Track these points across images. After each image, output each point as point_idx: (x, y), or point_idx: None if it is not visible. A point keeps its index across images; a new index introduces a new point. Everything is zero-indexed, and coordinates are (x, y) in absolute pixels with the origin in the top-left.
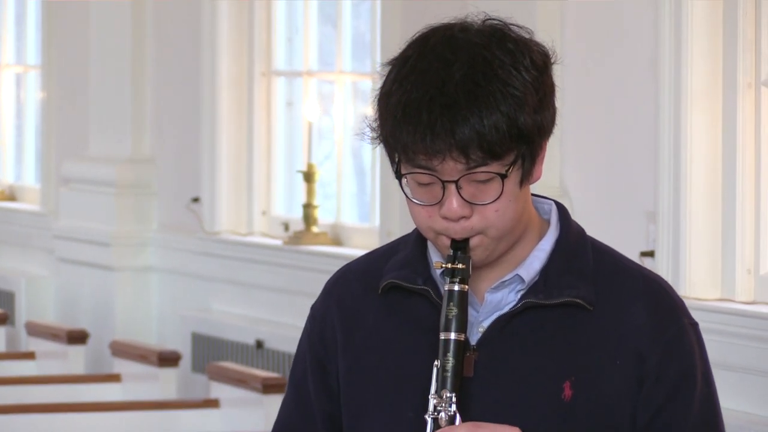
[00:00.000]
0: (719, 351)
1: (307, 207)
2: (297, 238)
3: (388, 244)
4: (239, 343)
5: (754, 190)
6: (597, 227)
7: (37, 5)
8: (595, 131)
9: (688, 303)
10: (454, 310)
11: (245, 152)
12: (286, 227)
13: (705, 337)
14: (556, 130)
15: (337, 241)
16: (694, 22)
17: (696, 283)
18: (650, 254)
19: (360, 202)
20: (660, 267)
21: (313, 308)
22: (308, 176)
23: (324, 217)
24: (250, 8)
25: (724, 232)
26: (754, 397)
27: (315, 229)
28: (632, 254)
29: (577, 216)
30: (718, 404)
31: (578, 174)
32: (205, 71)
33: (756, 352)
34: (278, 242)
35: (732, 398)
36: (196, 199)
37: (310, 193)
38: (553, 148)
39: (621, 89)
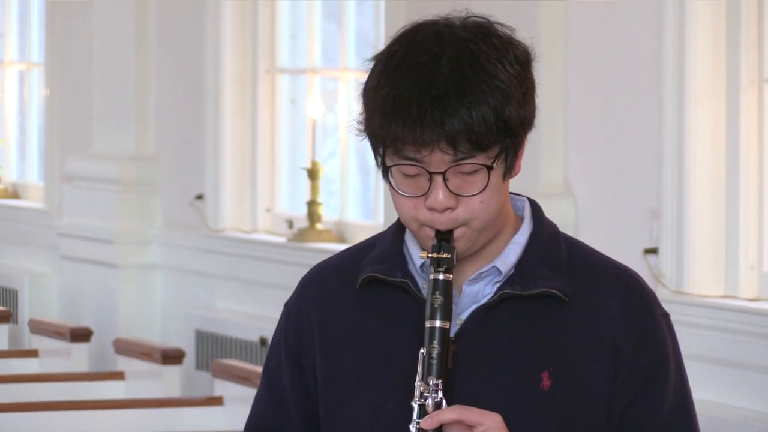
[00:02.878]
0: (722, 348)
1: (311, 204)
2: (301, 236)
3: (363, 242)
4: (243, 340)
5: (757, 187)
6: (601, 224)
7: (41, 2)
8: (598, 129)
9: (691, 300)
10: (440, 299)
11: (249, 149)
12: (290, 224)
13: (708, 333)
14: (561, 127)
15: (341, 238)
16: (698, 20)
17: (699, 280)
18: (654, 251)
19: (364, 199)
20: (663, 264)
21: (288, 305)
22: (312, 173)
23: (328, 214)
24: (253, 5)
25: (728, 228)
26: (757, 393)
27: (319, 226)
28: (636, 251)
29: (581, 213)
30: (690, 394)
31: (582, 171)
32: (208, 68)
33: (759, 349)
34: (282, 239)
35: (735, 395)
36: (199, 197)
37: (314, 190)
38: (557, 145)
39: (624, 87)
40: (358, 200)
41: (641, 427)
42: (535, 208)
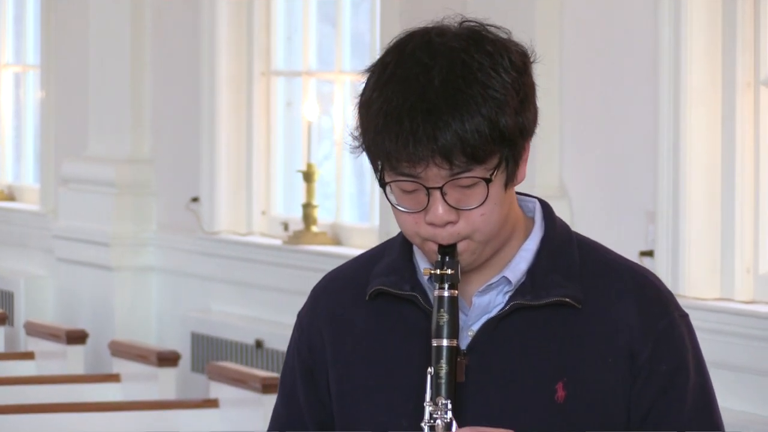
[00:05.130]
0: (718, 350)
1: (307, 207)
2: (296, 238)
3: (373, 249)
4: (239, 342)
5: (753, 190)
6: (596, 227)
7: (37, 4)
8: (594, 131)
9: (687, 302)
10: (445, 316)
11: (244, 152)
12: (286, 227)
13: (704, 336)
14: (556, 129)
15: (336, 241)
16: (694, 21)
17: (695, 283)
18: (649, 254)
19: (359, 201)
20: (659, 266)
21: (300, 316)
22: (308, 176)
23: (323, 216)
24: (249, 8)
25: (723, 231)
26: (754, 396)
27: (314, 228)
28: (632, 254)
29: (577, 216)
30: (713, 393)
31: (578, 174)
32: (204, 71)
33: (755, 352)
34: (278, 242)
35: (731, 398)
36: (195, 199)
37: (309, 192)
38: (552, 148)
39: (620, 89)
40: (354, 203)
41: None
42: (546, 209)
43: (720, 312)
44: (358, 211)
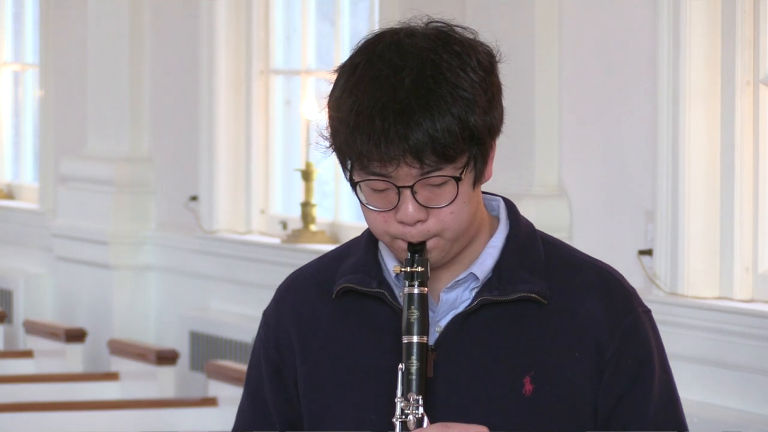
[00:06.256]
0: (717, 349)
1: (305, 205)
2: (295, 237)
3: (338, 248)
4: (237, 341)
5: (752, 189)
6: (595, 226)
7: (35, 3)
8: (593, 130)
9: (685, 301)
10: (416, 313)
11: (243, 151)
12: (284, 226)
13: (703, 335)
14: (555, 129)
15: (335, 240)
16: (693, 20)
17: (694, 282)
18: (648, 253)
19: (357, 200)
20: (658, 265)
21: (266, 315)
22: (306, 175)
23: (322, 215)
24: (248, 6)
25: (723, 230)
26: (753, 395)
27: (313, 227)
28: (630, 253)
29: (576, 215)
30: (676, 388)
31: (577, 173)
32: (203, 70)
33: (754, 351)
34: (276, 241)
35: (731, 397)
36: (194, 198)
37: (308, 191)
38: (551, 148)
39: (619, 88)
40: (352, 201)
41: (629, 426)
42: (510, 208)
43: (719, 311)
44: (356, 209)
